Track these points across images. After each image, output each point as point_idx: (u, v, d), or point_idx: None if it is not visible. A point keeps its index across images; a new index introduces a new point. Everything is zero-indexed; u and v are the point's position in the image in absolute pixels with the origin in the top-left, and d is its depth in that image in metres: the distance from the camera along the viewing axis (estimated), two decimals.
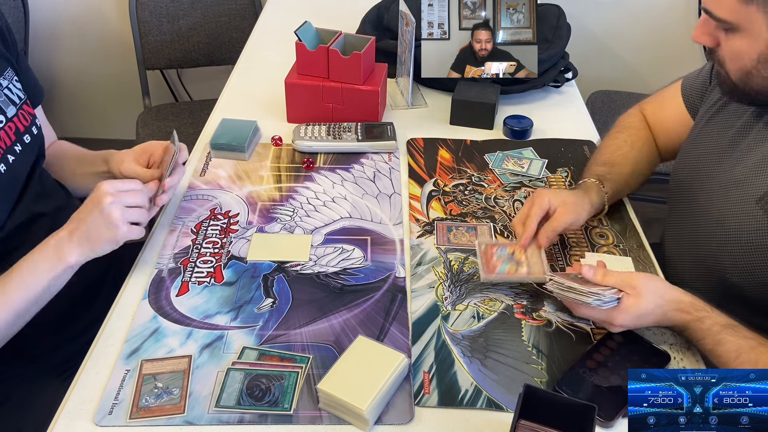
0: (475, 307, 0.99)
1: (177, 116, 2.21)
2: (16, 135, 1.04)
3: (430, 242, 1.12)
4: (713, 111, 1.09)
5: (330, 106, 1.39)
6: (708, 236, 1.04)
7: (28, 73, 1.14)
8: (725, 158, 1.04)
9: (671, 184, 1.17)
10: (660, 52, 2.40)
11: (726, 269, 1.00)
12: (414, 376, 0.88)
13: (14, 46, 1.12)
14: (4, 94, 1.04)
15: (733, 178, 1.01)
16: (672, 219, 1.17)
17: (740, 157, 1.01)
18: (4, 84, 1.04)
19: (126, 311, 0.98)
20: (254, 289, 1.01)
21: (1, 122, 1.02)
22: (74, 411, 0.84)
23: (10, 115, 1.04)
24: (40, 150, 1.11)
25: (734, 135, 1.04)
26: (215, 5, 2.26)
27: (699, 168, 1.09)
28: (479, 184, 1.26)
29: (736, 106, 1.04)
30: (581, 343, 0.94)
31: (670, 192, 1.17)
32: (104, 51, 2.48)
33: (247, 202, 1.19)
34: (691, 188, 1.10)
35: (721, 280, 1.01)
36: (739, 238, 0.98)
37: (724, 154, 1.04)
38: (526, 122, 1.40)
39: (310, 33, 1.39)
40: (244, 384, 0.86)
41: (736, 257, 0.98)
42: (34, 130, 1.08)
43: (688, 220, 1.10)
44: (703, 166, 1.08)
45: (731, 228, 0.99)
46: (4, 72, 1.06)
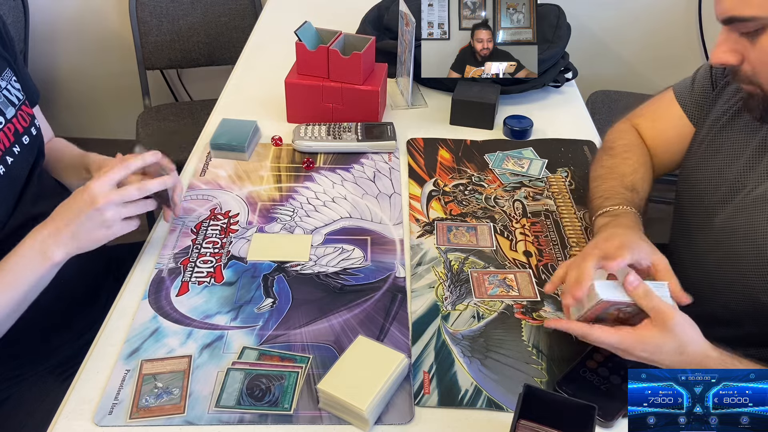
0: (475, 307, 0.99)
1: (177, 116, 2.21)
2: (15, 136, 1.04)
3: (430, 242, 1.12)
4: (725, 119, 1.03)
5: (330, 106, 1.39)
6: (735, 254, 0.96)
7: (27, 76, 1.14)
8: (750, 171, 0.97)
9: (680, 195, 1.10)
10: (660, 52, 2.41)
11: (754, 286, 0.93)
12: (414, 376, 0.88)
13: (12, 46, 1.11)
14: (3, 95, 1.04)
15: (764, 195, 0.93)
16: (683, 232, 1.09)
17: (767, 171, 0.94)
18: (3, 85, 1.04)
19: (126, 311, 0.98)
20: (254, 289, 1.01)
21: (0, 123, 1.01)
22: (74, 411, 0.84)
23: (9, 116, 1.04)
24: (39, 150, 1.11)
25: (758, 146, 0.97)
26: (215, 5, 2.26)
27: (716, 180, 1.01)
28: (479, 184, 1.26)
29: (748, 120, 0.98)
30: (581, 343, 0.93)
31: (680, 204, 1.10)
32: (104, 51, 2.48)
33: (247, 202, 1.19)
34: (708, 202, 1.02)
35: (748, 297, 0.95)
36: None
37: (748, 166, 0.97)
38: (526, 122, 1.40)
39: (310, 33, 1.39)
40: (244, 384, 0.86)
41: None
42: (33, 130, 1.08)
43: (708, 236, 1.02)
44: (722, 178, 1.00)
45: (764, 247, 0.92)
46: (3, 72, 1.05)
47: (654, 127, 1.17)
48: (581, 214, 1.18)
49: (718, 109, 1.05)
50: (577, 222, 1.16)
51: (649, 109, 1.20)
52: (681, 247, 1.09)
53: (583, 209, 1.19)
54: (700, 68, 1.14)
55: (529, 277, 1.04)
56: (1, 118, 1.02)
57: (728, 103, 1.03)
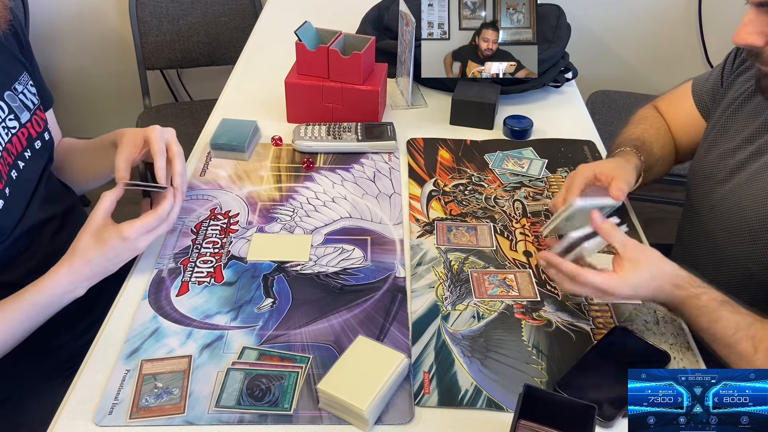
0: (475, 307, 0.99)
1: (177, 116, 2.21)
2: (28, 141, 1.04)
3: (430, 242, 1.12)
4: (735, 106, 1.08)
5: (330, 106, 1.39)
6: (732, 228, 1.02)
7: (41, 80, 1.14)
8: (750, 146, 1.02)
9: (691, 179, 1.15)
10: (660, 52, 2.41)
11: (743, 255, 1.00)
12: (414, 376, 0.88)
13: (29, 50, 1.12)
14: (20, 99, 1.04)
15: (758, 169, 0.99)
16: (691, 216, 1.15)
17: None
18: (20, 89, 1.04)
19: (126, 311, 0.98)
20: (254, 289, 1.01)
21: (15, 128, 1.01)
22: (74, 411, 0.84)
23: (24, 120, 1.04)
24: (50, 155, 1.11)
25: (761, 125, 1.02)
26: (215, 5, 2.26)
27: (722, 160, 1.07)
28: (479, 184, 1.26)
29: (755, 104, 1.03)
30: (581, 343, 0.94)
31: (690, 188, 1.16)
32: (104, 51, 2.48)
33: (247, 202, 1.19)
34: (713, 180, 1.08)
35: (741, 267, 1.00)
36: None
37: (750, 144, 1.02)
38: (526, 122, 1.40)
39: (310, 33, 1.39)
40: (244, 384, 0.86)
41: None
42: (46, 136, 1.08)
43: (711, 214, 1.07)
44: (728, 158, 1.06)
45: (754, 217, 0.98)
46: (20, 77, 1.05)
47: (670, 111, 1.26)
48: None
49: (729, 98, 1.10)
50: None
51: (669, 95, 1.27)
52: (689, 229, 1.14)
53: None
54: (718, 65, 1.19)
55: (529, 277, 1.04)
56: (17, 123, 1.02)
57: (738, 91, 1.08)
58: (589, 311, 0.99)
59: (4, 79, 1.02)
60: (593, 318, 0.98)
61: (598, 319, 0.97)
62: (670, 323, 0.97)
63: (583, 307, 0.99)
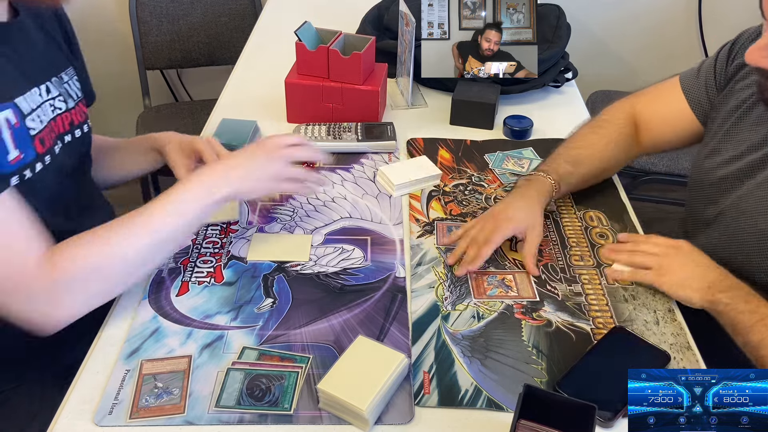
0: (475, 307, 0.99)
1: (177, 116, 2.21)
2: (71, 126, 1.05)
3: (430, 242, 1.12)
4: (739, 113, 1.07)
5: (330, 106, 1.39)
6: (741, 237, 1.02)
7: (87, 78, 1.17)
8: (757, 156, 1.02)
9: (692, 187, 1.15)
10: (660, 52, 2.41)
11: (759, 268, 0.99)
12: (414, 376, 0.88)
13: (78, 50, 1.15)
14: (65, 87, 1.04)
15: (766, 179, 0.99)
16: (695, 222, 1.14)
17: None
18: (66, 78, 1.05)
19: (126, 311, 0.98)
20: (254, 289, 1.01)
21: (62, 109, 1.02)
22: (74, 411, 0.84)
23: (70, 106, 1.05)
24: (87, 152, 1.11)
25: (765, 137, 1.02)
26: (215, 5, 2.26)
27: (727, 168, 1.06)
28: (479, 184, 1.26)
29: (760, 112, 1.03)
30: (581, 343, 0.94)
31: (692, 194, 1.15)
32: (104, 51, 2.48)
33: (247, 202, 1.19)
34: (719, 188, 1.07)
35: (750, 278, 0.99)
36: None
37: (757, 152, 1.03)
38: (526, 122, 1.40)
39: (310, 33, 1.39)
40: (244, 384, 0.86)
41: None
42: (85, 128, 1.09)
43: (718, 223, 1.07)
44: (733, 166, 1.06)
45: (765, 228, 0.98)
46: (66, 69, 1.07)
47: (653, 106, 1.24)
48: (581, 214, 1.18)
49: (731, 105, 1.10)
50: (577, 222, 1.16)
51: (652, 90, 1.26)
52: (693, 237, 1.12)
53: (582, 209, 1.19)
54: (704, 62, 1.19)
55: (527, 278, 1.04)
56: (63, 105, 1.02)
57: (739, 99, 1.08)
58: (589, 311, 0.99)
59: (51, 67, 1.04)
60: (593, 318, 0.98)
61: (598, 319, 0.97)
62: (670, 323, 0.97)
63: (583, 307, 0.99)
